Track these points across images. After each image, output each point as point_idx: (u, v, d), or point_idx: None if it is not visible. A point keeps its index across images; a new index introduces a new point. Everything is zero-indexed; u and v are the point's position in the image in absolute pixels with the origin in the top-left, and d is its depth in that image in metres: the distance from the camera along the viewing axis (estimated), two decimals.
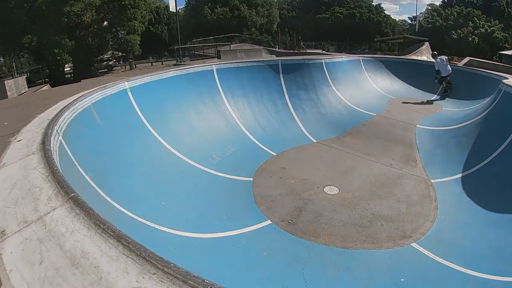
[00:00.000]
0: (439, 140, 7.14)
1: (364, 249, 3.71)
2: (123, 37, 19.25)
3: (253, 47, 19.05)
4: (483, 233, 4.05)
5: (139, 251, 1.30)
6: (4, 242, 1.46)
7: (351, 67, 11.80)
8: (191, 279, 1.15)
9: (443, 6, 40.72)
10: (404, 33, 40.51)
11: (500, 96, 6.95)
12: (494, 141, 5.79)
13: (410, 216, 4.41)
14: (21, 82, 15.42)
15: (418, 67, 13.13)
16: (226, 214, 4.29)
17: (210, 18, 33.09)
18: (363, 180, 5.48)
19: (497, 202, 4.55)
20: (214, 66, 8.09)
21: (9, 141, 2.92)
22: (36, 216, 1.63)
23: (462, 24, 35.10)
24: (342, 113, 9.06)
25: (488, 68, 12.54)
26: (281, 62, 9.44)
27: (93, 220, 1.54)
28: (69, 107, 3.92)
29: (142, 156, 4.71)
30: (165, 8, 37.45)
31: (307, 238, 3.86)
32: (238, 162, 5.90)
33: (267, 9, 37.00)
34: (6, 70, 25.65)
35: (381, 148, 6.96)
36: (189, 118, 6.64)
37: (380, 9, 43.26)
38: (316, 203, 4.67)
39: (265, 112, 8.14)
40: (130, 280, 1.18)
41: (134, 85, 5.85)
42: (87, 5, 15.31)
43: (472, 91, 10.41)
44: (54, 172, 2.06)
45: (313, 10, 41.39)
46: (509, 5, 37.35)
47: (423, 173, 5.83)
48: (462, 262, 3.50)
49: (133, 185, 3.93)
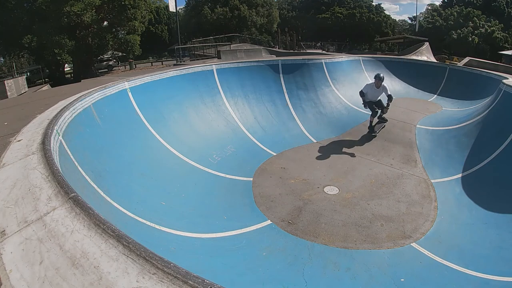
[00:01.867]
0: (439, 140, 7.14)
1: (364, 249, 3.71)
2: (123, 37, 19.24)
3: (253, 47, 19.05)
4: (483, 233, 4.05)
5: (139, 251, 1.30)
6: (4, 242, 1.46)
7: (351, 67, 11.80)
8: (191, 279, 1.14)
9: (443, 6, 40.75)
10: (404, 33, 40.52)
11: (500, 96, 6.95)
12: (494, 141, 5.79)
13: (410, 216, 4.41)
14: (21, 82, 15.43)
15: (418, 67, 13.14)
16: (226, 214, 4.28)
17: (210, 18, 33.10)
18: (363, 180, 5.48)
19: (497, 202, 4.55)
20: (214, 66, 8.09)
21: (9, 141, 2.92)
22: (36, 216, 1.63)
23: (462, 24, 35.12)
24: (342, 113, 9.06)
25: (488, 68, 12.55)
26: (281, 62, 9.44)
27: (93, 220, 1.54)
28: (69, 107, 3.92)
29: (142, 156, 4.70)
30: (165, 8, 37.47)
31: (307, 238, 3.86)
32: (238, 162, 5.90)
33: (267, 9, 37.00)
34: (6, 70, 25.67)
35: (381, 148, 6.96)
36: (189, 118, 6.64)
37: (380, 9, 43.31)
38: (316, 203, 4.67)
39: (265, 112, 8.14)
40: (130, 280, 1.18)
41: (134, 85, 5.85)
42: (87, 5, 15.30)
43: (472, 91, 10.41)
44: (54, 172, 2.06)
45: (313, 10, 41.42)
46: (509, 5, 37.37)
47: (423, 173, 5.83)
48: (462, 262, 3.50)
49: (133, 185, 3.93)
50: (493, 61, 19.10)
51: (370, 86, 7.16)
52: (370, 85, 7.18)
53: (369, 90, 7.16)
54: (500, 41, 33.23)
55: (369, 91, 7.17)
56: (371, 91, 7.16)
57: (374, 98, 7.30)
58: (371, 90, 7.15)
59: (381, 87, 7.08)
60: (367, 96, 7.23)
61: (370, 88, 7.16)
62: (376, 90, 7.11)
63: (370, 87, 7.16)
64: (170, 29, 37.73)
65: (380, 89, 7.11)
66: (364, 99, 7.26)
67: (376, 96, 7.28)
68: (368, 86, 7.20)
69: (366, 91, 7.19)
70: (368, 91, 7.17)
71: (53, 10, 14.76)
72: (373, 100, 7.30)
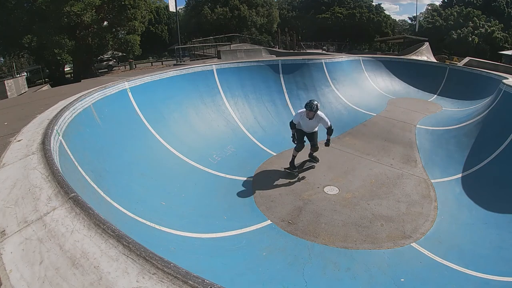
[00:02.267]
0: (439, 140, 7.14)
1: (364, 249, 3.71)
2: (123, 37, 19.23)
3: (253, 47, 19.04)
4: (483, 233, 4.05)
5: (139, 251, 1.30)
6: (4, 242, 1.46)
7: (351, 67, 11.81)
8: (191, 279, 1.14)
9: (443, 6, 40.74)
10: (404, 33, 40.53)
11: (500, 96, 6.95)
12: (494, 141, 5.80)
13: (410, 216, 4.41)
14: (21, 82, 15.44)
15: (418, 67, 13.15)
16: (226, 214, 4.29)
17: (210, 18, 33.09)
18: (363, 180, 5.48)
19: (497, 202, 4.56)
20: (214, 66, 8.09)
21: (9, 141, 2.92)
22: (36, 216, 1.63)
23: (462, 24, 35.11)
24: (342, 113, 9.06)
25: (488, 68, 12.56)
26: (281, 62, 9.45)
27: (93, 220, 1.54)
28: (69, 107, 3.92)
29: (142, 156, 4.71)
30: (165, 8, 37.45)
31: (307, 238, 3.86)
32: (238, 162, 5.90)
33: (267, 9, 36.99)
34: (6, 70, 25.67)
35: (381, 148, 6.96)
36: (189, 118, 6.65)
37: (380, 9, 43.27)
38: (316, 203, 4.67)
39: (265, 112, 8.15)
40: (130, 280, 1.18)
41: (134, 85, 5.86)
42: (87, 5, 15.30)
43: (472, 91, 10.42)
44: (54, 172, 2.06)
45: (313, 10, 41.41)
46: (509, 5, 37.36)
47: (423, 173, 5.83)
48: (462, 262, 3.50)
49: (133, 185, 3.93)
50: (493, 61, 19.11)
51: (301, 115, 5.37)
52: (300, 114, 5.38)
53: (301, 120, 5.41)
54: (500, 41, 33.22)
55: (300, 121, 5.43)
56: (303, 122, 5.41)
57: (308, 129, 5.54)
58: (302, 120, 5.39)
59: (315, 118, 5.27)
60: (299, 125, 5.53)
61: (300, 117, 5.38)
62: (308, 121, 5.31)
63: (301, 116, 5.37)
64: (170, 29, 37.72)
65: (315, 120, 5.32)
66: (293, 131, 5.59)
67: (311, 127, 5.52)
68: (298, 115, 5.42)
69: (296, 121, 5.46)
70: (300, 121, 5.44)
71: (53, 10, 14.75)
72: (307, 131, 5.58)
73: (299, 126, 5.56)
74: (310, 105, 5.12)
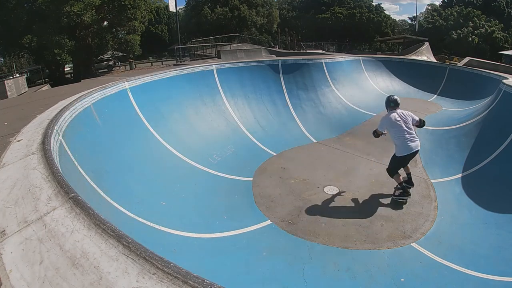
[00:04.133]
0: (439, 140, 7.14)
1: (364, 249, 3.71)
2: (123, 37, 19.23)
3: (253, 47, 19.05)
4: (483, 233, 4.05)
5: (139, 251, 1.30)
6: (4, 242, 1.46)
7: (351, 67, 11.81)
8: (191, 279, 1.14)
9: (443, 6, 40.74)
10: (404, 33, 40.53)
11: (500, 96, 6.95)
12: (494, 141, 5.79)
13: (410, 216, 4.41)
14: (21, 82, 15.42)
15: (418, 67, 13.15)
16: (226, 214, 4.28)
17: (210, 18, 33.07)
18: (363, 180, 5.48)
19: (497, 202, 4.55)
20: (214, 66, 8.09)
21: (9, 141, 2.92)
22: (36, 216, 1.63)
23: (462, 24, 35.12)
24: (342, 113, 9.06)
25: (488, 68, 12.56)
26: (281, 62, 9.45)
27: (93, 220, 1.54)
28: (69, 107, 3.92)
29: (142, 156, 4.71)
30: (165, 8, 37.47)
31: (307, 238, 3.86)
32: (238, 162, 5.90)
33: (267, 9, 36.99)
34: (6, 70, 25.68)
35: (381, 148, 6.95)
36: (189, 118, 6.64)
37: (380, 9, 43.28)
38: (316, 203, 4.67)
39: (265, 112, 8.14)
40: (130, 280, 1.17)
41: (134, 85, 5.85)
42: (87, 5, 15.29)
43: (472, 91, 10.42)
44: (54, 172, 2.06)
45: (313, 10, 41.41)
46: (509, 5, 37.35)
47: (423, 173, 5.83)
48: (462, 262, 3.50)
49: (133, 185, 3.93)
50: (493, 61, 19.11)
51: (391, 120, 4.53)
52: (390, 119, 4.54)
53: (396, 129, 4.49)
54: (500, 41, 33.22)
55: (396, 130, 4.50)
56: (400, 129, 4.47)
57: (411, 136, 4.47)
58: (397, 128, 4.47)
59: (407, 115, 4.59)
60: (402, 146, 4.44)
61: (391, 123, 4.56)
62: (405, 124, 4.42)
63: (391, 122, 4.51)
64: (170, 29, 37.72)
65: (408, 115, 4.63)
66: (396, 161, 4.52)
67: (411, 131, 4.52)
68: (387, 121, 4.62)
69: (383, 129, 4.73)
70: (397, 132, 4.49)
71: (53, 10, 14.74)
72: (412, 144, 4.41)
73: (402, 146, 4.22)
74: (395, 100, 4.19)
